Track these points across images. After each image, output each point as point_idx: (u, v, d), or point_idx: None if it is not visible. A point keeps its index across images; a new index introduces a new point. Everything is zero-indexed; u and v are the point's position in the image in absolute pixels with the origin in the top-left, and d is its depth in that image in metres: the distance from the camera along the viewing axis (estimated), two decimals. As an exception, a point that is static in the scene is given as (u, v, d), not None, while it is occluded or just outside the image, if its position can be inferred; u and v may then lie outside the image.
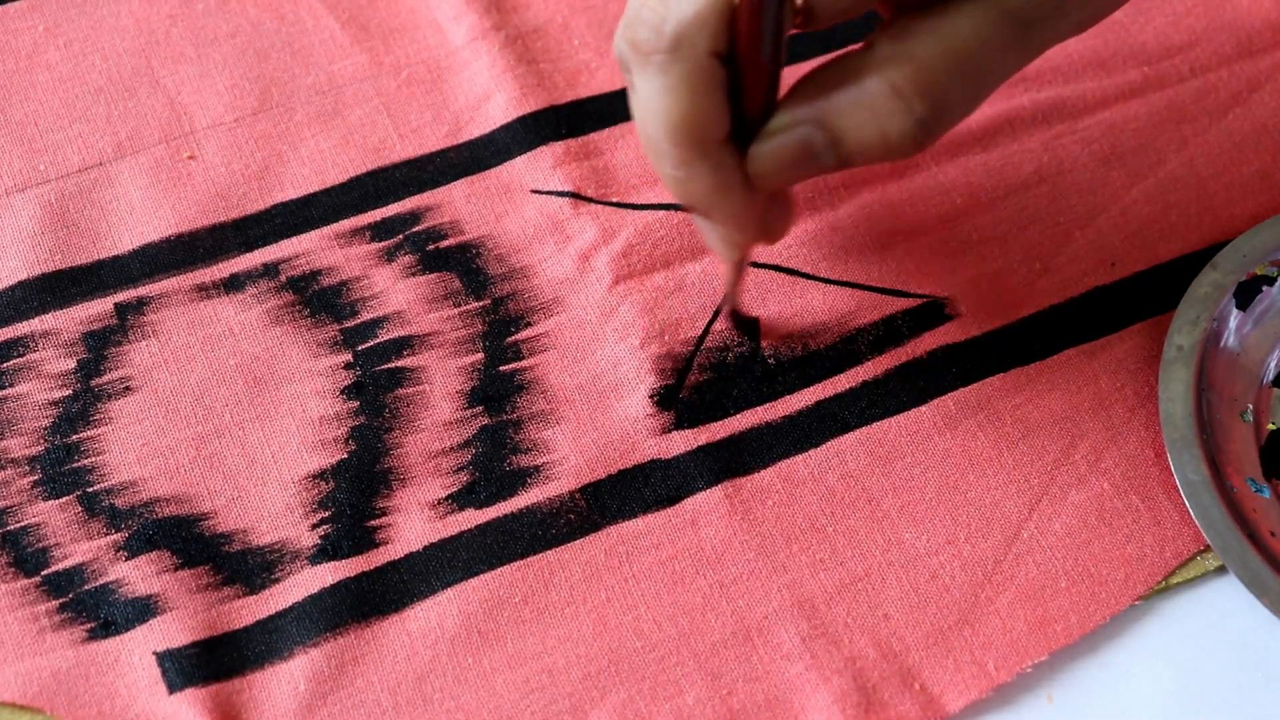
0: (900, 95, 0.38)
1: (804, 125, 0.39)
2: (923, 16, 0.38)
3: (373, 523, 0.46)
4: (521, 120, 0.52)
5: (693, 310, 0.49)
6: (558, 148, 0.52)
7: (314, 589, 0.45)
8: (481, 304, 0.49)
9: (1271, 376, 0.48)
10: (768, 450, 0.47)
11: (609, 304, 0.49)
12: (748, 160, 0.40)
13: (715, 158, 0.39)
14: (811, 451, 0.47)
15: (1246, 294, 0.49)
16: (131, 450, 0.47)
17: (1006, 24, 0.38)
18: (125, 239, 0.50)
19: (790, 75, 0.41)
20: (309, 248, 0.50)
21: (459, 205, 0.51)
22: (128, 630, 0.44)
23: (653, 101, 0.39)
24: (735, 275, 0.46)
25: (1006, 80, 0.40)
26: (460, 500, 0.46)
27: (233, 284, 0.49)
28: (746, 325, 0.49)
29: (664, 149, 0.39)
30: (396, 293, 0.50)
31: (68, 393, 0.47)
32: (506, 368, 0.48)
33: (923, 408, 0.48)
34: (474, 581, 0.45)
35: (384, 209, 0.51)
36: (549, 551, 0.46)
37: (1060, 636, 0.44)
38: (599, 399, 0.48)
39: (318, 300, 0.49)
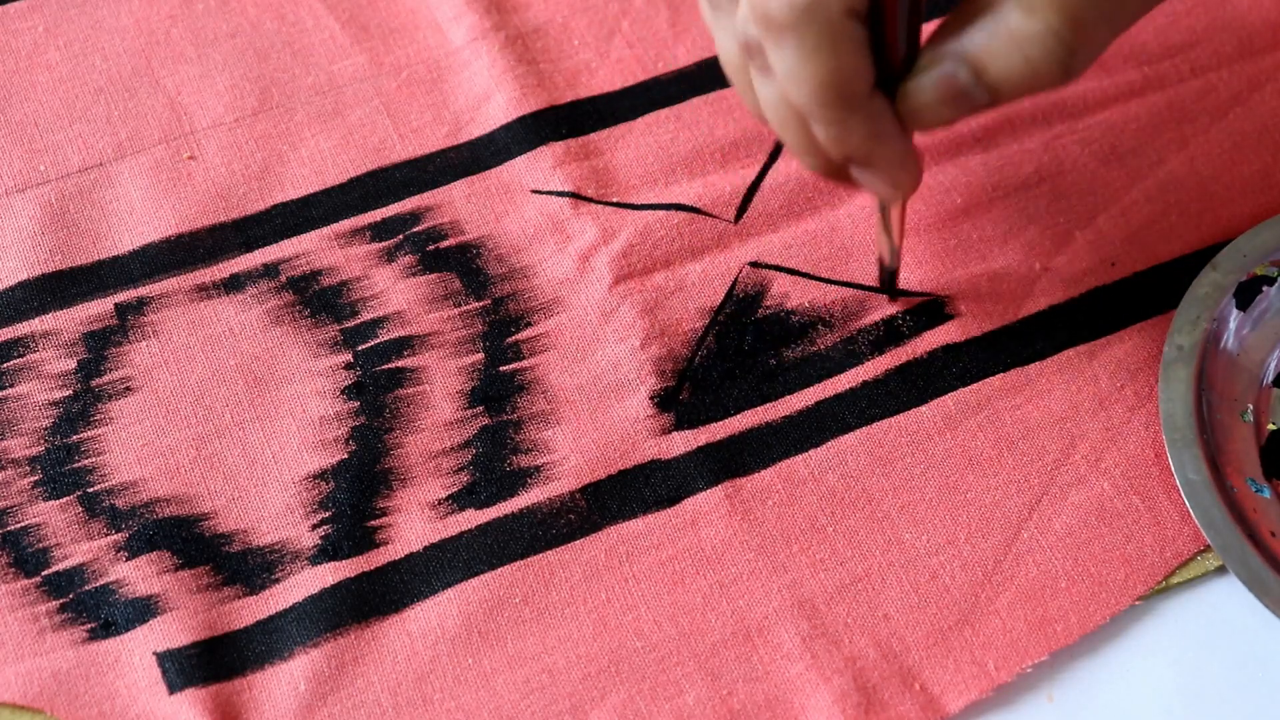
0: (1036, 12, 0.38)
1: (947, 61, 0.40)
2: None
3: (373, 523, 0.46)
4: (521, 120, 0.52)
5: (693, 310, 0.49)
6: (558, 148, 0.52)
7: (314, 589, 0.45)
8: (482, 304, 0.50)
9: (1272, 377, 0.48)
10: (768, 450, 0.47)
11: (609, 304, 0.49)
12: (899, 101, 0.41)
13: (866, 108, 0.40)
14: (812, 451, 0.47)
15: (1247, 294, 0.48)
16: (132, 450, 0.47)
17: None
18: (125, 239, 0.50)
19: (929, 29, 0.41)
20: (309, 248, 0.50)
21: (459, 205, 0.51)
22: (128, 630, 0.44)
23: (796, 69, 0.39)
24: (900, 220, 0.46)
25: (1138, 20, 0.40)
26: (460, 500, 0.46)
27: (233, 284, 0.49)
28: (890, 276, 0.49)
29: (815, 111, 0.40)
30: (397, 293, 0.50)
31: (68, 393, 0.47)
32: (507, 368, 0.48)
33: (923, 408, 0.48)
34: (474, 582, 0.45)
35: (384, 209, 0.51)
36: (549, 551, 0.46)
37: (1060, 636, 0.44)
38: (599, 399, 0.48)
39: (318, 300, 0.49)
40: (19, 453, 0.46)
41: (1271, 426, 0.47)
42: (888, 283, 0.49)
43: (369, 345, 0.49)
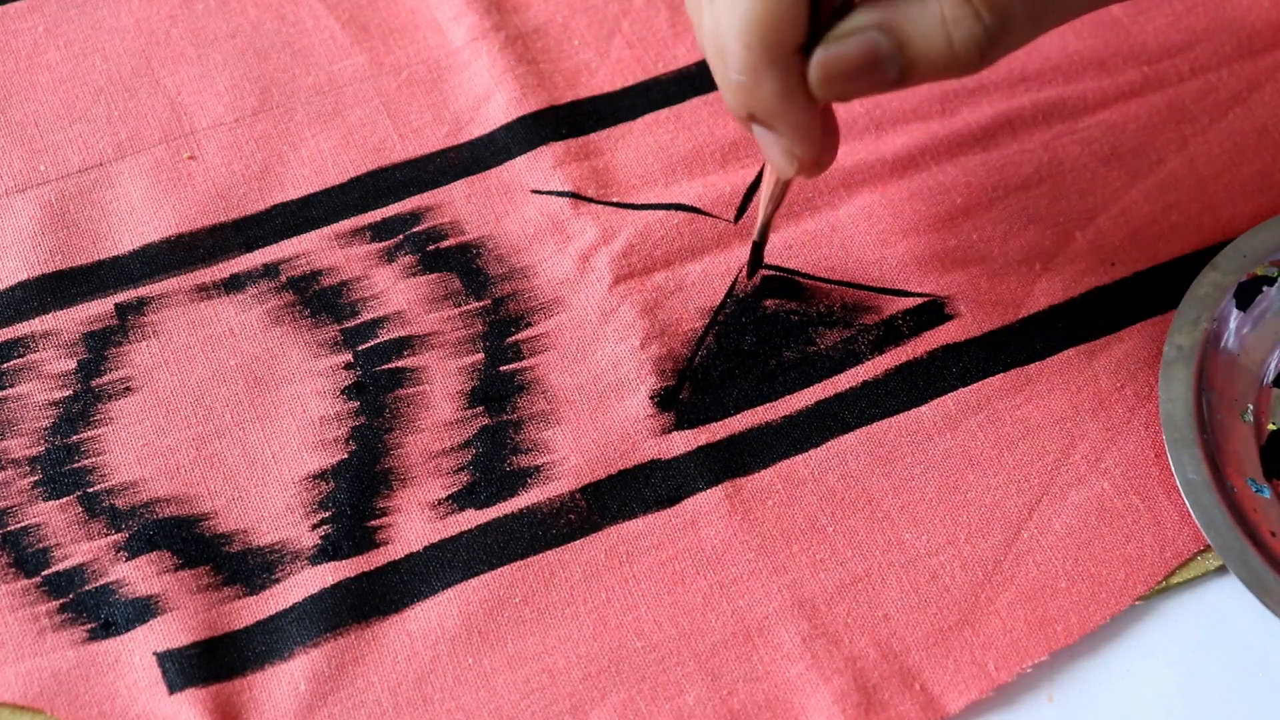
0: (969, 1, 0.38)
1: (870, 30, 0.39)
2: None
3: (373, 523, 0.46)
4: (521, 120, 0.52)
5: (693, 310, 0.49)
6: (558, 148, 0.52)
7: (314, 589, 0.45)
8: (482, 304, 0.50)
9: (1272, 377, 0.48)
10: (768, 450, 0.47)
11: (609, 304, 0.49)
12: (810, 66, 0.40)
13: (786, 63, 0.39)
14: (811, 451, 0.47)
15: (1247, 294, 0.48)
16: (132, 450, 0.47)
17: None
18: (125, 239, 0.50)
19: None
20: (309, 248, 0.50)
21: (459, 205, 0.51)
22: (128, 630, 0.44)
23: (735, 1, 0.38)
24: (780, 195, 0.46)
25: (1071, 18, 0.40)
26: (460, 500, 0.46)
27: (233, 284, 0.49)
28: (758, 251, 0.48)
29: (735, 51, 0.39)
30: (397, 293, 0.50)
31: (68, 393, 0.47)
32: (507, 368, 0.48)
33: (923, 408, 0.48)
34: (474, 582, 0.45)
35: (384, 209, 0.51)
36: (549, 552, 0.46)
37: (1060, 636, 0.44)
38: (599, 399, 0.48)
39: (318, 300, 0.49)
40: (19, 453, 0.46)
41: (1272, 426, 0.47)
42: (750, 258, 0.49)
43: (369, 345, 0.49)
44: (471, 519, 0.46)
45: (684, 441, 0.47)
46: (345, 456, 0.47)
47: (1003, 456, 0.47)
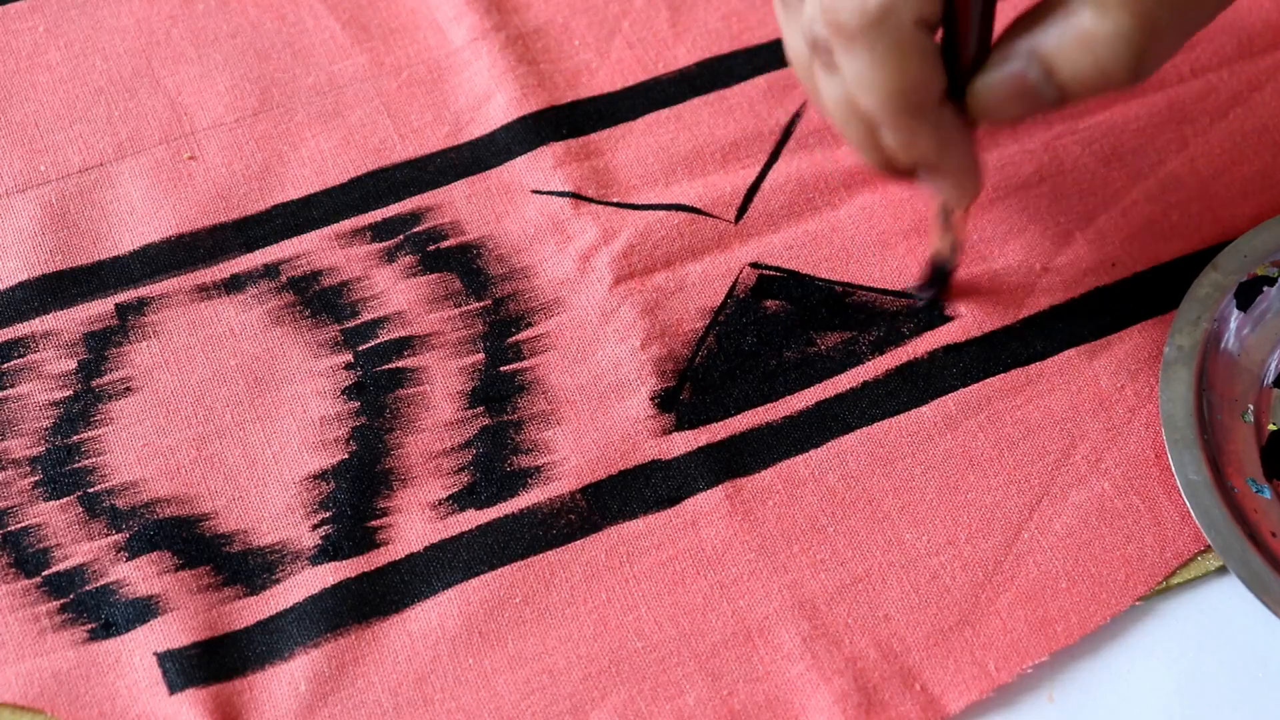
0: (1108, 12, 0.38)
1: (1018, 58, 0.40)
2: None
3: (373, 523, 0.46)
4: (522, 120, 0.52)
5: (693, 311, 0.49)
6: (558, 148, 0.52)
7: (314, 589, 0.45)
8: (482, 304, 0.50)
9: (1272, 377, 0.48)
10: (768, 451, 0.47)
11: (610, 304, 0.49)
12: (969, 97, 0.41)
13: (935, 117, 0.41)
14: (812, 452, 0.47)
15: (1247, 294, 0.49)
16: (132, 451, 0.47)
17: None
18: (126, 239, 0.50)
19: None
20: (309, 248, 0.50)
21: (459, 205, 0.51)
22: (128, 631, 0.44)
23: (865, 77, 0.40)
24: (962, 228, 0.47)
25: (1211, 19, 0.41)
26: (461, 501, 0.46)
27: (233, 284, 0.49)
28: (943, 279, 0.49)
29: (883, 118, 0.41)
30: (397, 293, 0.50)
31: (68, 393, 0.47)
32: (507, 368, 0.48)
33: (923, 408, 0.48)
34: (474, 582, 0.45)
35: (384, 209, 0.51)
36: (550, 552, 0.46)
37: (1061, 637, 0.44)
38: (600, 399, 0.48)
39: (318, 301, 0.49)
40: (19, 453, 0.46)
41: (1272, 427, 0.47)
42: (939, 283, 0.49)
43: (369, 345, 0.49)
44: (472, 519, 0.46)
45: (684, 442, 0.47)
46: (345, 456, 0.47)
47: (1003, 457, 0.47)
